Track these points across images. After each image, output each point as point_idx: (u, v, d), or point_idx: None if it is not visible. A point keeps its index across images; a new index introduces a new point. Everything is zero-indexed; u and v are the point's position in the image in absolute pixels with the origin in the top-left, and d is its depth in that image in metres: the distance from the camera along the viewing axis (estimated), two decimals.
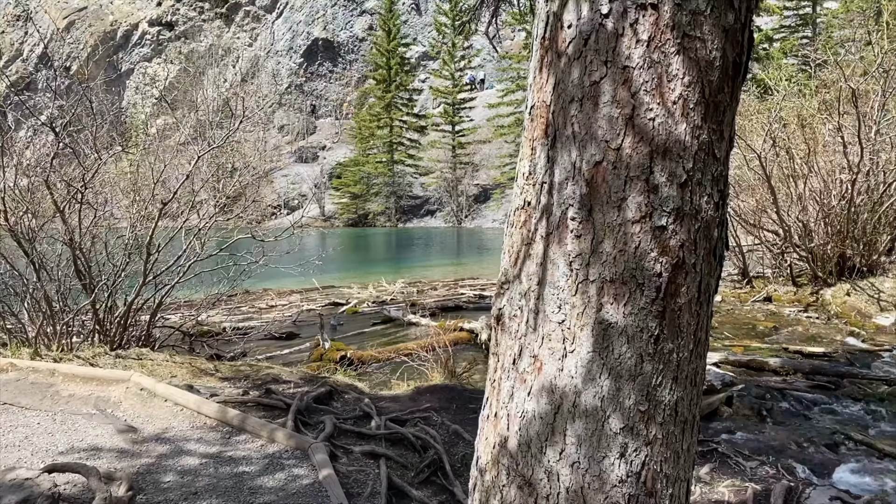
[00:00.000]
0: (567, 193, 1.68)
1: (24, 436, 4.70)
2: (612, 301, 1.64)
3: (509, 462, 1.81)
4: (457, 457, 5.06)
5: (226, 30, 59.26)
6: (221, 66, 56.24)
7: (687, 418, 1.74)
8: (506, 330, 1.87)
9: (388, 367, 8.48)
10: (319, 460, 4.41)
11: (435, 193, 49.04)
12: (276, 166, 39.18)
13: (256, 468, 4.38)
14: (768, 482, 5.12)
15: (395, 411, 5.82)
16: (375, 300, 15.06)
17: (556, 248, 1.71)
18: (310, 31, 58.24)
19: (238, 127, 6.98)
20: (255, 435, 4.87)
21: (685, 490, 1.78)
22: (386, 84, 50.17)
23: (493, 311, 1.93)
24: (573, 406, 1.69)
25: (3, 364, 5.80)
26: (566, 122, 1.69)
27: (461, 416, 5.83)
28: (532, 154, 1.80)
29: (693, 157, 1.62)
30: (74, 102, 6.49)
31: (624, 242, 1.62)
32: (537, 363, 1.76)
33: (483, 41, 54.84)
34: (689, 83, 1.60)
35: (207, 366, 6.71)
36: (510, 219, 1.91)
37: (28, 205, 6.64)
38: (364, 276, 19.93)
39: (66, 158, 6.90)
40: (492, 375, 1.94)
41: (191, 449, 4.63)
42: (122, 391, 5.51)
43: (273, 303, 14.60)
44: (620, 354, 1.65)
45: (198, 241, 7.27)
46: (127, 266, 7.12)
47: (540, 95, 1.78)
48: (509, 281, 1.87)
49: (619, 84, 1.61)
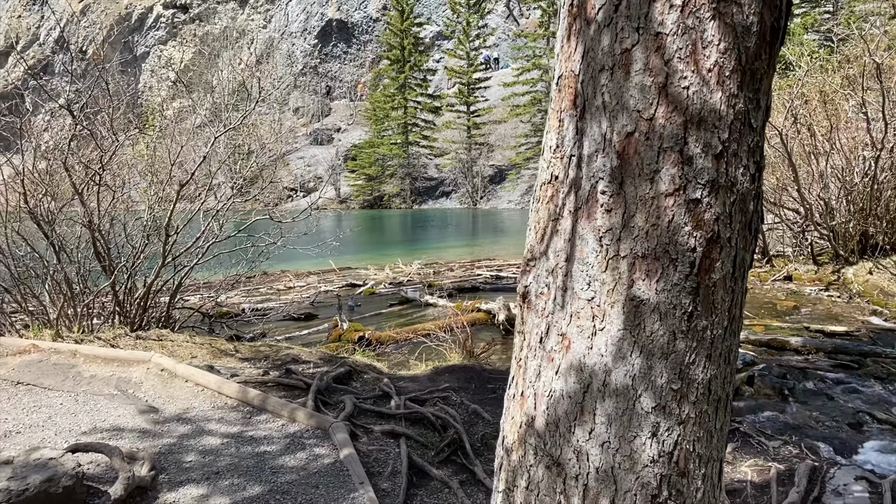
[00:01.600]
0: (597, 166, 1.63)
1: (48, 416, 4.75)
2: (644, 277, 1.59)
3: (537, 442, 1.78)
4: (477, 436, 5.05)
5: (240, 12, 59.11)
6: (236, 48, 56.16)
7: (720, 397, 1.69)
8: (532, 308, 1.83)
9: (406, 348, 8.49)
10: (340, 440, 4.42)
11: (450, 174, 48.86)
12: (292, 148, 39.20)
13: (278, 448, 4.39)
14: (792, 462, 5.07)
15: (414, 391, 5.82)
16: (392, 281, 15.07)
17: (585, 224, 1.66)
18: (324, 13, 57.95)
19: (254, 107, 6.95)
20: (275, 415, 4.89)
21: (718, 470, 1.74)
22: (400, 64, 49.87)
23: (519, 288, 1.88)
24: (603, 385, 1.64)
25: (26, 345, 5.85)
26: (596, 91, 1.64)
27: (480, 396, 5.82)
28: (559, 126, 1.75)
29: (729, 126, 1.56)
30: (91, 84, 6.48)
31: (657, 216, 1.57)
32: (565, 341, 1.71)
33: (498, 20, 54.37)
34: (724, 50, 1.53)
35: (227, 346, 6.74)
36: (536, 194, 1.86)
37: (47, 187, 6.66)
38: (380, 258, 19.95)
39: (83, 141, 6.91)
40: (517, 354, 1.91)
41: (212, 429, 4.65)
42: (143, 372, 5.54)
43: (291, 284, 14.64)
44: (652, 332, 1.60)
45: (216, 223, 7.27)
46: (146, 248, 7.14)
47: (568, 65, 1.72)
48: (535, 258, 1.82)
49: (651, 51, 1.55)
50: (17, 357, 5.73)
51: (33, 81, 17.71)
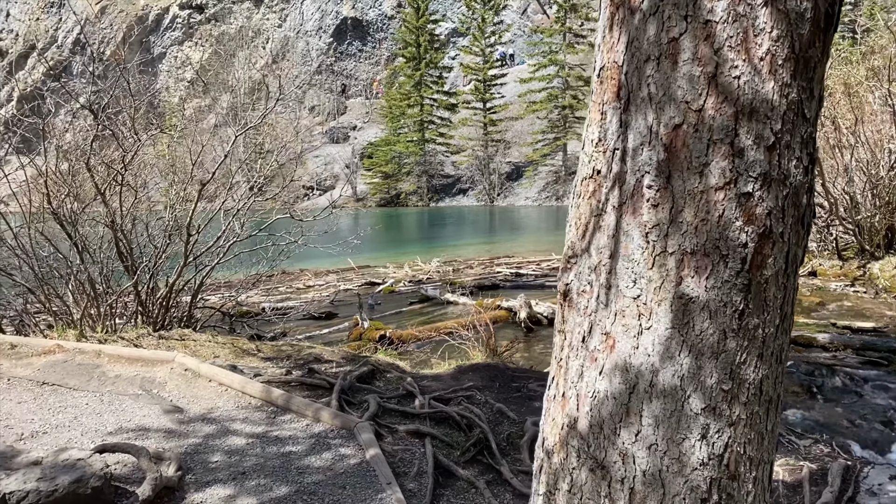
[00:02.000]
0: (642, 160, 1.58)
1: (74, 416, 4.76)
2: (693, 274, 1.54)
3: (579, 444, 1.73)
4: (502, 435, 5.00)
5: (255, 11, 59.34)
6: (252, 47, 56.41)
7: (772, 397, 1.64)
8: (574, 306, 1.78)
9: (428, 346, 8.46)
10: (366, 440, 4.39)
11: (466, 172, 48.74)
12: (310, 146, 39.29)
13: (303, 448, 4.37)
14: (824, 461, 4.98)
15: (437, 390, 5.78)
16: (411, 279, 15.05)
17: (630, 219, 1.61)
18: (338, 11, 58.02)
19: (275, 106, 6.94)
20: (300, 414, 4.87)
21: (768, 473, 1.69)
22: (416, 62, 49.80)
23: (560, 286, 1.83)
24: (650, 385, 1.59)
25: (51, 345, 5.88)
26: (641, 83, 1.58)
27: (505, 395, 5.77)
28: (602, 119, 1.69)
29: (781, 117, 1.50)
30: (112, 84, 6.50)
31: (706, 211, 1.51)
32: (609, 341, 1.66)
33: (513, 16, 54.14)
34: (777, 37, 1.47)
35: (249, 346, 6.74)
36: (576, 189, 1.80)
37: (70, 188, 6.69)
38: (399, 256, 19.94)
39: (105, 141, 6.94)
40: (558, 354, 1.86)
41: (237, 429, 4.64)
42: (166, 371, 5.55)
43: (310, 283, 14.67)
44: (702, 331, 1.54)
45: (237, 222, 7.27)
46: (167, 247, 7.16)
47: (610, 56, 1.67)
48: (577, 255, 1.77)
49: (700, 40, 1.50)
50: (42, 357, 5.76)
51: (53, 83, 17.90)
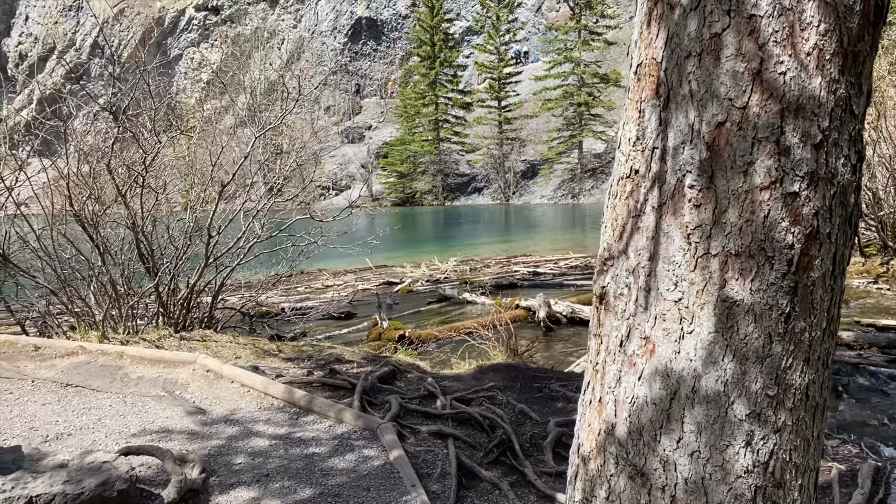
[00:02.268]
0: (684, 159, 1.53)
1: (97, 418, 4.77)
2: (738, 276, 1.49)
3: (618, 450, 1.69)
4: (525, 436, 4.96)
5: (270, 12, 59.59)
6: (267, 48, 56.65)
7: (818, 403, 1.59)
8: (610, 310, 1.74)
9: (447, 346, 8.43)
10: (389, 441, 4.36)
11: (482, 170, 48.70)
12: (328, 145, 39.41)
13: (326, 449, 4.35)
14: (853, 461, 4.89)
15: (459, 390, 5.75)
16: (429, 279, 15.04)
17: (670, 220, 1.57)
18: (353, 11, 58.15)
19: (294, 106, 6.94)
20: (322, 415, 4.85)
21: (814, 480, 1.64)
22: (430, 61, 49.82)
23: (595, 289, 1.79)
24: (692, 391, 1.55)
25: (73, 347, 5.91)
26: (682, 79, 1.54)
27: (526, 396, 5.73)
28: (640, 117, 1.65)
29: (829, 114, 1.45)
30: (132, 86, 6.53)
31: (751, 211, 1.47)
32: (649, 345, 1.62)
33: (528, 14, 53.98)
34: (825, 31, 1.43)
35: (271, 346, 6.74)
36: (612, 189, 1.76)
37: (91, 190, 6.72)
38: (415, 255, 19.93)
39: (125, 143, 6.97)
40: (594, 359, 1.82)
41: (260, 430, 4.63)
42: (188, 373, 5.56)
43: (328, 283, 14.70)
44: (746, 335, 1.50)
45: (256, 223, 7.28)
46: (188, 248, 7.18)
47: (648, 52, 1.63)
48: (613, 257, 1.73)
49: (744, 35, 1.45)
50: (65, 359, 5.79)
51: (72, 86, 18.05)
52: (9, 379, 5.47)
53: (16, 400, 5.09)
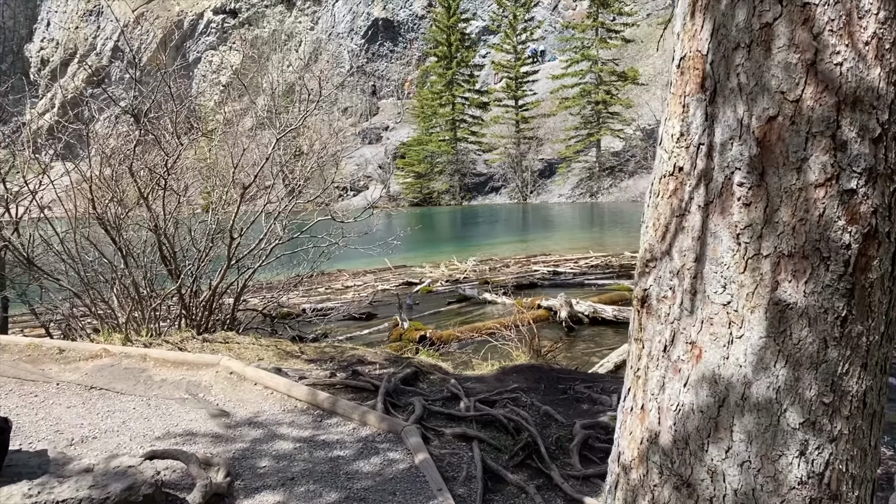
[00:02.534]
0: (732, 155, 1.47)
1: (122, 421, 4.77)
2: (791, 278, 1.42)
3: (662, 460, 1.63)
4: (550, 439, 4.89)
5: (287, 14, 59.85)
6: (285, 50, 56.91)
7: (875, 410, 1.52)
8: (653, 313, 1.67)
9: (469, 347, 8.37)
10: (414, 444, 4.32)
11: (499, 170, 48.53)
12: (347, 145, 39.45)
13: (351, 452, 4.31)
14: (888, 464, 4.77)
15: (482, 392, 5.69)
16: (448, 279, 14.98)
17: (718, 220, 1.50)
18: (370, 12, 58.22)
19: (315, 107, 6.92)
20: (346, 418, 4.82)
21: (871, 492, 1.56)
22: (447, 61, 49.76)
23: (637, 291, 1.73)
24: (742, 398, 1.48)
25: (97, 350, 5.92)
26: (729, 72, 1.47)
27: (551, 397, 5.65)
28: (684, 112, 1.58)
29: (889, 106, 1.38)
30: (153, 89, 6.54)
31: (805, 210, 1.40)
32: (695, 350, 1.56)
33: (544, 13, 53.73)
34: (884, 19, 1.35)
35: (293, 348, 6.73)
36: (654, 187, 1.70)
37: (114, 193, 6.75)
38: (434, 255, 19.89)
39: (146, 146, 6.98)
40: (635, 364, 1.75)
41: (284, 433, 4.60)
42: (212, 375, 5.55)
43: (348, 283, 14.69)
44: (800, 339, 1.43)
45: (278, 224, 7.27)
46: (210, 250, 7.19)
47: (693, 44, 1.56)
48: (656, 258, 1.66)
49: (797, 24, 1.38)
50: (89, 362, 5.81)
51: (94, 89, 18.19)
52: (34, 382, 5.49)
53: (41, 403, 5.11)
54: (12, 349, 6.11)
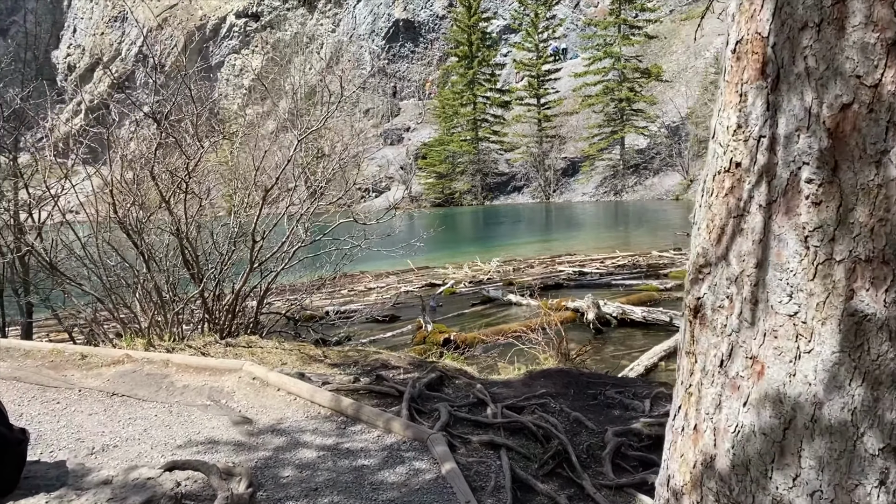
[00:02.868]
0: (799, 148, 1.31)
1: (143, 428, 4.70)
2: (869, 286, 1.26)
3: (718, 486, 1.47)
4: (581, 447, 4.73)
5: (309, 17, 60.11)
6: (307, 53, 57.15)
7: None
8: (707, 324, 1.52)
9: (495, 350, 8.22)
10: (440, 453, 4.18)
11: (521, 169, 48.29)
12: (368, 147, 39.52)
13: (375, 461, 4.19)
14: None
15: (509, 397, 5.54)
16: (472, 280, 14.84)
17: (782, 221, 1.34)
18: (390, 13, 58.27)
19: (335, 108, 6.82)
20: (370, 425, 4.70)
21: None
22: (468, 60, 49.63)
23: (688, 300, 1.57)
24: (812, 420, 1.32)
25: (119, 355, 5.87)
26: (795, 56, 1.31)
27: (581, 403, 5.49)
28: (741, 101, 1.43)
29: None
30: (174, 92, 6.48)
31: (885, 209, 1.24)
32: (756, 366, 1.40)
33: (566, 10, 53.36)
34: None
35: (316, 352, 6.63)
36: (707, 185, 1.54)
37: (135, 197, 6.70)
38: (456, 256, 19.76)
39: (168, 149, 6.93)
40: (686, 379, 1.60)
41: (307, 441, 4.49)
42: (234, 381, 5.46)
43: (371, 285, 14.61)
44: (879, 355, 1.27)
45: (300, 227, 7.19)
46: (232, 254, 7.12)
47: (751, 26, 1.40)
48: (711, 263, 1.51)
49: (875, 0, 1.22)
50: (111, 368, 5.76)
51: (119, 94, 18.33)
52: (56, 388, 5.45)
53: (63, 410, 5.06)
54: (35, 355, 6.09)
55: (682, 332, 1.63)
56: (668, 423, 1.69)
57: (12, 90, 6.75)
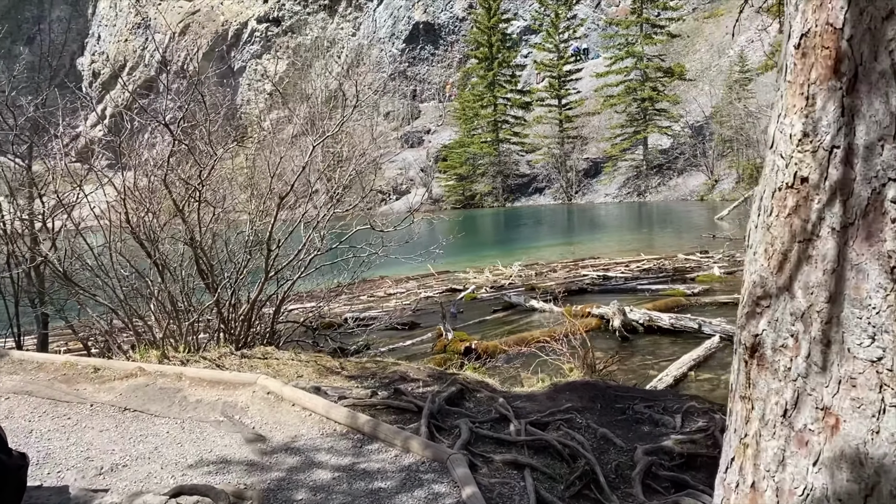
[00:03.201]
0: (883, 161, 1.09)
1: (154, 446, 4.55)
2: None
3: None
4: (609, 466, 4.49)
5: (330, 21, 60.28)
6: (327, 57, 57.29)
7: None
8: (767, 366, 1.30)
9: (517, 360, 8.00)
10: (461, 475, 3.97)
11: (542, 170, 47.95)
12: (388, 150, 39.41)
13: (393, 483, 3.99)
14: None
15: (532, 412, 5.32)
16: (493, 285, 14.61)
17: (861, 248, 1.12)
18: (410, 16, 58.23)
19: (352, 113, 6.65)
20: (388, 443, 4.50)
21: None
22: (488, 62, 49.40)
23: (744, 336, 1.35)
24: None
25: (133, 369, 5.74)
26: (877, 50, 1.09)
27: (608, 418, 5.25)
28: (808, 105, 1.21)
29: None
30: (187, 98, 6.35)
31: None
32: (830, 419, 1.18)
33: (586, 10, 52.93)
34: None
35: (333, 364, 6.46)
36: (764, 203, 1.32)
37: (148, 205, 6.58)
38: (477, 260, 19.54)
39: (182, 157, 6.81)
40: (741, 427, 1.38)
41: (322, 461, 4.31)
42: (248, 395, 5.31)
43: (391, 290, 14.44)
44: None
45: (317, 235, 7.02)
46: (248, 263, 6.98)
47: (820, 16, 1.19)
48: (770, 295, 1.29)
49: None
50: (124, 381, 5.63)
51: (142, 101, 18.32)
52: (68, 403, 5.33)
53: (73, 426, 4.93)
54: (48, 368, 5.98)
55: (735, 372, 1.41)
56: (717, 474, 1.47)
57: (25, 98, 6.65)
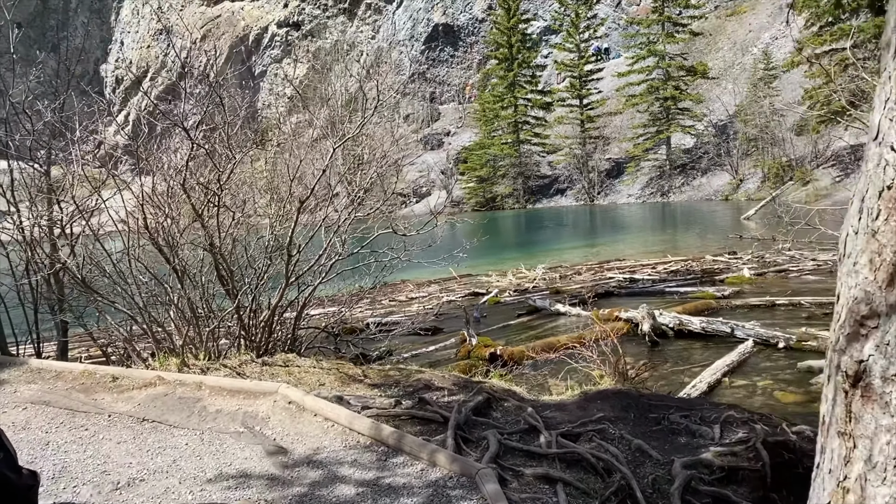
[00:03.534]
0: None
1: (172, 459, 4.41)
2: None
3: None
4: (646, 480, 4.28)
5: (349, 24, 60.40)
6: (347, 60, 57.39)
7: None
8: (875, 398, 1.09)
9: (545, 367, 7.78)
10: (491, 492, 3.78)
11: (564, 171, 47.55)
12: (409, 153, 39.29)
13: (419, 500, 3.81)
14: None
15: (563, 423, 5.11)
16: (516, 288, 14.40)
17: None
18: (430, 18, 58.15)
19: (372, 115, 6.50)
20: (413, 457, 4.33)
21: None
22: (508, 63, 49.09)
23: (844, 362, 1.15)
24: None
25: (151, 377, 5.62)
26: None
27: (642, 429, 5.03)
28: None
29: None
30: (205, 101, 6.23)
31: None
32: None
33: (607, 9, 52.48)
34: None
35: (356, 371, 6.29)
36: (868, 204, 1.12)
37: (167, 210, 6.47)
38: (499, 263, 19.32)
39: (201, 161, 6.69)
40: (838, 468, 1.17)
41: (345, 475, 4.14)
42: (269, 405, 5.15)
43: (412, 295, 14.28)
44: None
45: (338, 239, 6.87)
46: (268, 268, 6.84)
47: None
48: (878, 314, 1.08)
49: None
50: (142, 391, 5.51)
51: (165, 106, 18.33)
52: (86, 413, 5.22)
53: (90, 437, 4.81)
54: (66, 377, 5.89)
55: (830, 403, 1.20)
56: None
57: (42, 103, 6.57)
